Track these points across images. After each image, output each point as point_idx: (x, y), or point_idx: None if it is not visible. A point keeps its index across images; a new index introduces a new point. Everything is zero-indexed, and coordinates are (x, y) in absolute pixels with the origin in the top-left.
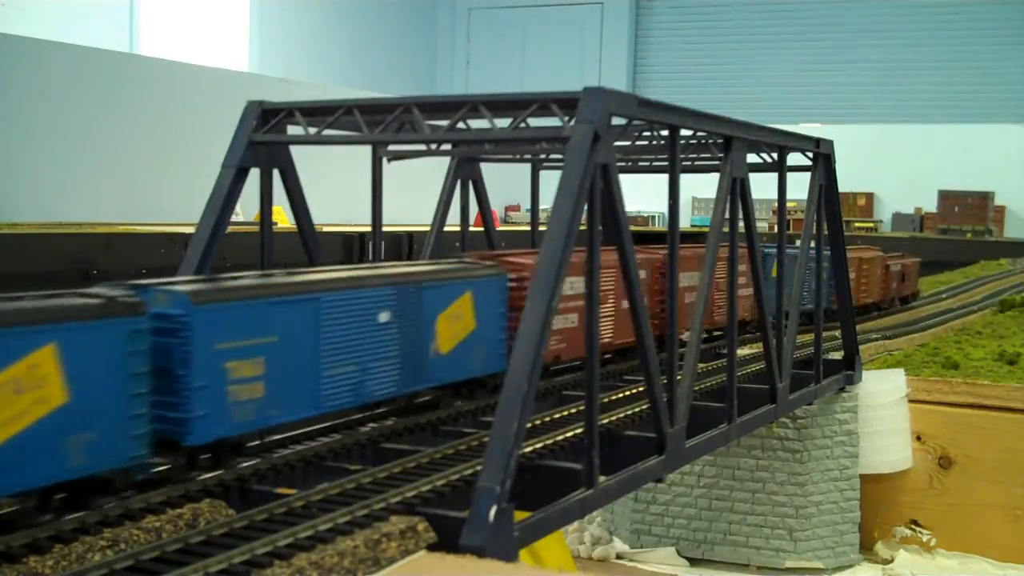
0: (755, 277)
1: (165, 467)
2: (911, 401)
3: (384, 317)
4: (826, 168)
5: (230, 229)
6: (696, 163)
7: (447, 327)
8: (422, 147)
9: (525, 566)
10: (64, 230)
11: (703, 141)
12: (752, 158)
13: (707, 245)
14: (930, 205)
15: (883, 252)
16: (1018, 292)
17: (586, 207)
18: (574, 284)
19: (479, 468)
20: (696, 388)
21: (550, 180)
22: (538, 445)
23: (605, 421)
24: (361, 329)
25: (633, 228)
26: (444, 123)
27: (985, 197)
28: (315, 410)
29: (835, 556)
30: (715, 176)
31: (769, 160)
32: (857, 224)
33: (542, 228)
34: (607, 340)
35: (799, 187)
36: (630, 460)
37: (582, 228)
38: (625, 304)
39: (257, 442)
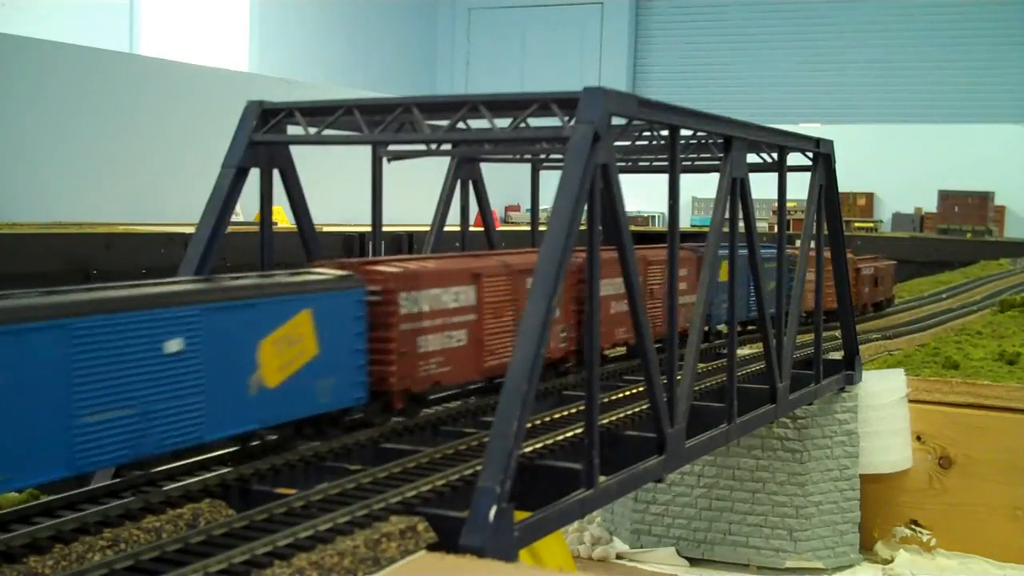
0: (755, 277)
1: None
2: (911, 401)
3: (175, 346)
4: (826, 168)
5: (230, 229)
6: (696, 163)
7: (275, 354)
8: (422, 147)
9: (525, 566)
10: (64, 230)
11: (703, 141)
12: (752, 158)
13: (707, 245)
14: (930, 205)
15: (854, 254)
16: (1018, 292)
17: (586, 207)
18: (459, 295)
19: (479, 468)
20: (696, 388)
21: (550, 180)
22: (538, 445)
23: (605, 421)
24: (139, 363)
25: (633, 228)
26: (444, 123)
27: (985, 197)
28: (68, 470)
29: (835, 556)
30: (715, 176)
31: (769, 160)
32: (857, 224)
33: (542, 228)
34: (507, 360)
35: (799, 187)
36: (630, 460)
37: (582, 228)
38: None
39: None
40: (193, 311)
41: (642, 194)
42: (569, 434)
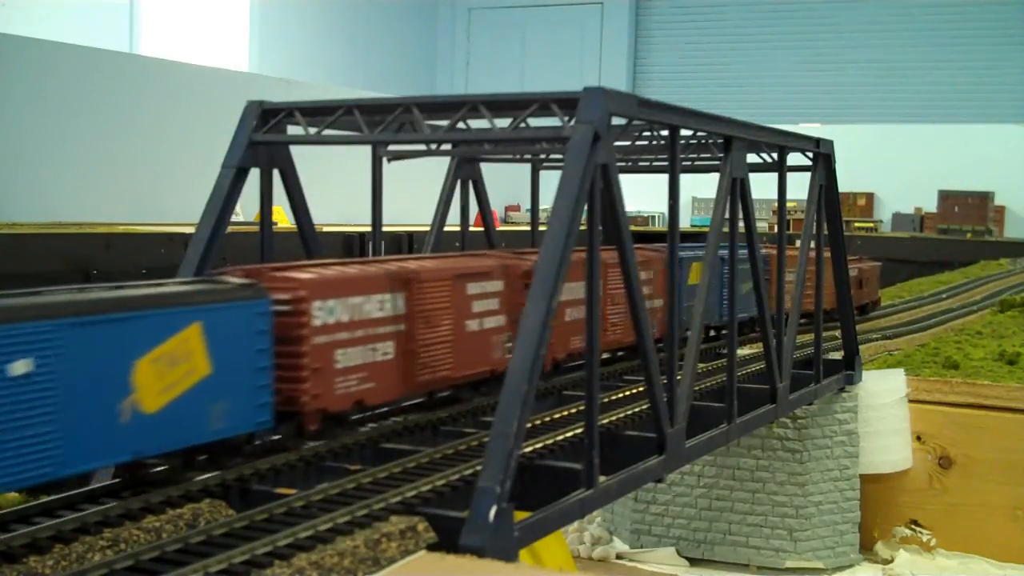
0: (755, 278)
1: None
2: (911, 401)
3: (21, 368)
4: (826, 168)
5: (230, 229)
6: (696, 163)
7: (155, 375)
8: (422, 147)
9: (525, 566)
10: (64, 230)
11: (703, 141)
12: (752, 158)
13: (707, 245)
14: (930, 205)
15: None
16: (1018, 292)
17: (586, 207)
18: (385, 303)
19: (479, 468)
20: (696, 388)
21: (550, 180)
22: (538, 445)
23: (605, 421)
24: None
25: (633, 228)
26: (444, 123)
27: (985, 197)
28: None
29: (835, 556)
30: (715, 176)
31: (769, 160)
32: (857, 224)
33: (542, 228)
34: (443, 374)
35: (799, 187)
36: (630, 460)
37: (582, 228)
38: (474, 326)
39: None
40: (44, 327)
41: (642, 194)
42: (569, 434)
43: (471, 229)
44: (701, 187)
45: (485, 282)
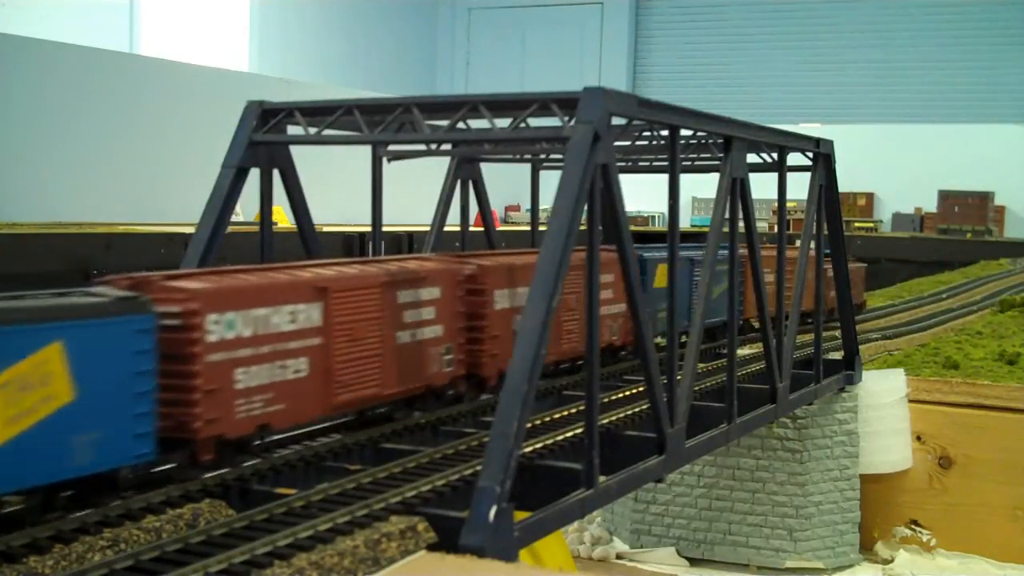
0: (756, 281)
1: None
2: (911, 401)
3: None
4: (826, 168)
5: (230, 229)
6: (696, 163)
7: (1, 403)
8: (422, 147)
9: (525, 566)
10: (64, 230)
11: (703, 141)
12: (752, 158)
13: (707, 245)
14: (930, 205)
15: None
16: (1018, 292)
17: (586, 207)
18: (298, 315)
19: (479, 468)
20: (696, 388)
21: (550, 180)
22: (538, 445)
23: (605, 421)
24: None
25: (633, 228)
26: (444, 123)
27: (985, 197)
28: None
29: (835, 556)
30: (715, 176)
31: (769, 160)
32: (857, 224)
33: (542, 228)
34: (369, 392)
35: (799, 187)
36: (630, 460)
37: (582, 228)
38: (406, 338)
39: None
40: None
41: (642, 194)
42: (569, 434)
43: (471, 229)
44: (701, 187)
45: (419, 289)
